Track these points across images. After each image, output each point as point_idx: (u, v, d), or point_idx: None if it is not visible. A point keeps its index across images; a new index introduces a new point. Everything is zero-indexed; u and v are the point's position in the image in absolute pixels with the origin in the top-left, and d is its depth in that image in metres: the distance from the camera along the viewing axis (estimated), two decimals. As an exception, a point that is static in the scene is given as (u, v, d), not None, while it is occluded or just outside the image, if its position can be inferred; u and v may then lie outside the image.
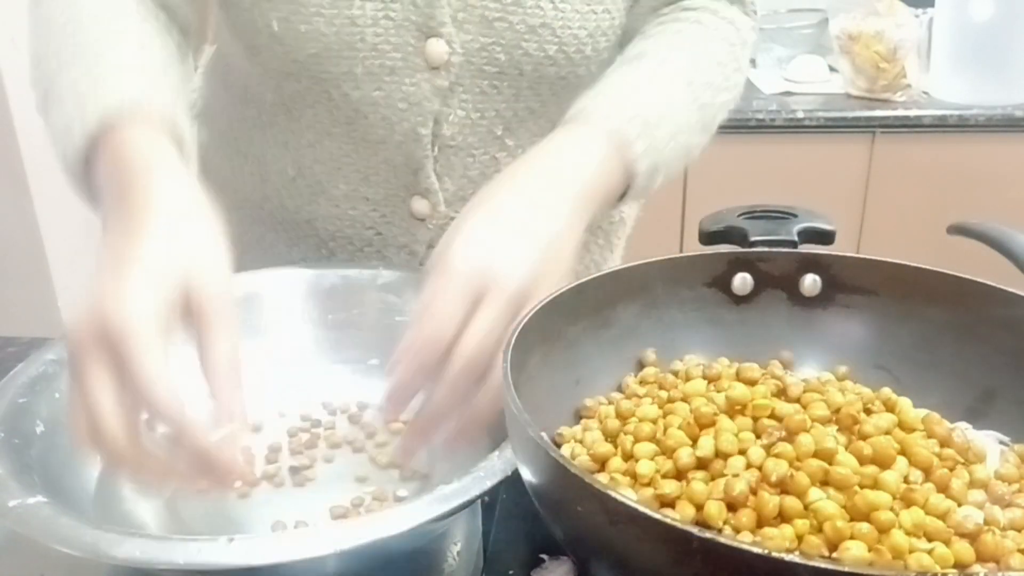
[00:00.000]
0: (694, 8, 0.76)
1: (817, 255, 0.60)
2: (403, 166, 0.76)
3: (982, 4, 1.77)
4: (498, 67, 0.72)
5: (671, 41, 0.73)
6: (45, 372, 0.60)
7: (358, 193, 0.79)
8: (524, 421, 0.43)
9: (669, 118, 0.67)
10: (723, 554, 0.35)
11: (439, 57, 0.70)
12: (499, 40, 0.70)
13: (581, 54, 0.73)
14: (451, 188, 0.77)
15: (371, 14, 0.68)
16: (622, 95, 0.67)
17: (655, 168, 0.66)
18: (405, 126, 0.73)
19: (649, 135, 0.65)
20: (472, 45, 0.70)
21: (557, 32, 0.71)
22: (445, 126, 0.74)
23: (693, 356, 0.60)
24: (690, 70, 0.71)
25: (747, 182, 1.87)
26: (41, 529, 0.47)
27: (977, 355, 0.56)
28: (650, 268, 0.60)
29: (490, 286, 0.52)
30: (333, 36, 0.69)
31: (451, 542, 0.58)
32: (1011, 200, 1.84)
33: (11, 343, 0.84)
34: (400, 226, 0.80)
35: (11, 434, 0.55)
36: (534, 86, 0.74)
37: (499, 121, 0.75)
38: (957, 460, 0.49)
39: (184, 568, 0.45)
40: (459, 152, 0.76)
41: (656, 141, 0.65)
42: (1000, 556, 0.42)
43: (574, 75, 0.74)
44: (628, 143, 0.63)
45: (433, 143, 0.75)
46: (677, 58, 0.72)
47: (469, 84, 0.72)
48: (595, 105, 0.65)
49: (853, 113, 1.85)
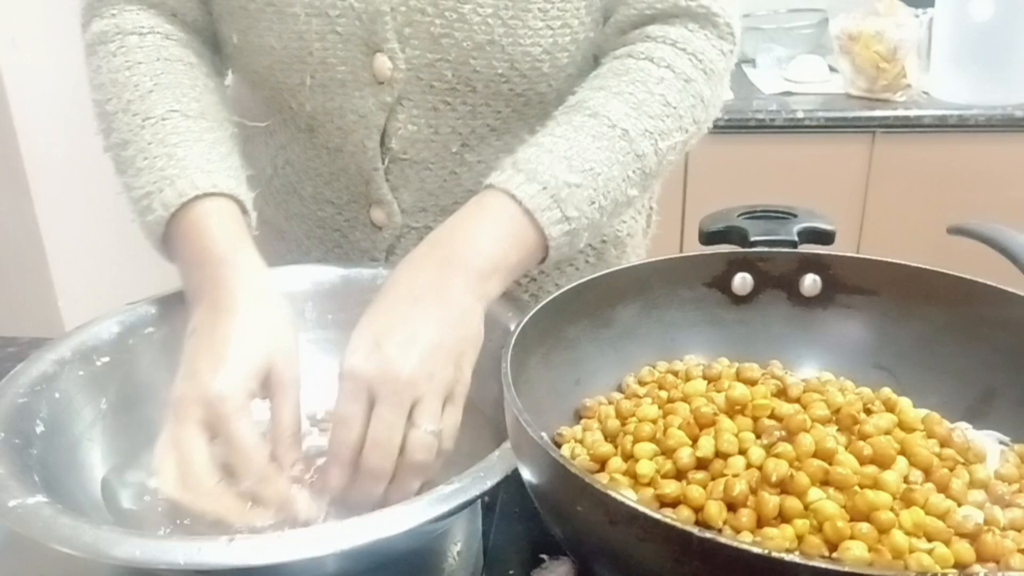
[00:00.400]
0: (653, 39, 0.71)
1: (817, 255, 0.60)
2: (357, 175, 0.77)
3: (982, 4, 1.77)
4: (447, 83, 0.71)
5: (612, 86, 0.69)
6: (45, 372, 0.60)
7: (323, 196, 0.81)
8: (524, 421, 0.43)
9: (592, 181, 0.65)
10: (723, 554, 0.35)
11: (384, 72, 0.70)
12: (446, 57, 0.70)
13: (537, 71, 0.71)
14: (408, 199, 0.77)
15: (317, 29, 0.69)
16: (540, 162, 0.64)
17: (574, 232, 0.64)
18: (355, 138, 0.74)
19: (564, 204, 0.63)
20: (419, 61, 0.70)
21: (507, 50, 0.69)
22: (394, 140, 0.74)
23: (693, 356, 0.60)
24: (628, 119, 0.67)
25: (747, 182, 1.87)
26: (41, 529, 0.47)
27: (977, 355, 0.56)
28: (650, 268, 0.60)
29: (377, 383, 0.55)
30: (282, 50, 0.71)
31: (451, 542, 0.58)
32: (1011, 200, 1.84)
33: (11, 343, 0.84)
34: (362, 231, 0.81)
35: (11, 434, 0.55)
36: (490, 103, 0.73)
37: (455, 138, 0.74)
38: (957, 460, 0.49)
39: (184, 568, 0.45)
40: (413, 165, 0.76)
41: (572, 209, 0.63)
42: (1000, 556, 0.42)
43: (533, 92, 0.73)
44: (540, 211, 0.62)
45: (383, 156, 0.75)
46: (615, 108, 0.67)
47: (419, 99, 0.72)
48: (509, 176, 0.63)
49: (853, 113, 1.85)
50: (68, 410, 0.60)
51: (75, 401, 0.61)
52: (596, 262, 0.85)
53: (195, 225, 0.63)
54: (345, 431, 0.56)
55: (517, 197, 0.62)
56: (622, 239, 0.87)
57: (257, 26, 0.70)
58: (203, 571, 0.46)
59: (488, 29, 0.68)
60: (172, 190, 0.63)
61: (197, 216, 0.63)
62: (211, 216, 0.63)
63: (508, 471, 0.50)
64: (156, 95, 0.68)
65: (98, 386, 0.63)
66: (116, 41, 0.70)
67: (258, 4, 0.69)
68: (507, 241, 0.62)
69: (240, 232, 0.64)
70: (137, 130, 0.66)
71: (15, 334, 0.86)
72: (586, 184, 0.64)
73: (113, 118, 0.68)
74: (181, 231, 0.63)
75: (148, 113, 0.67)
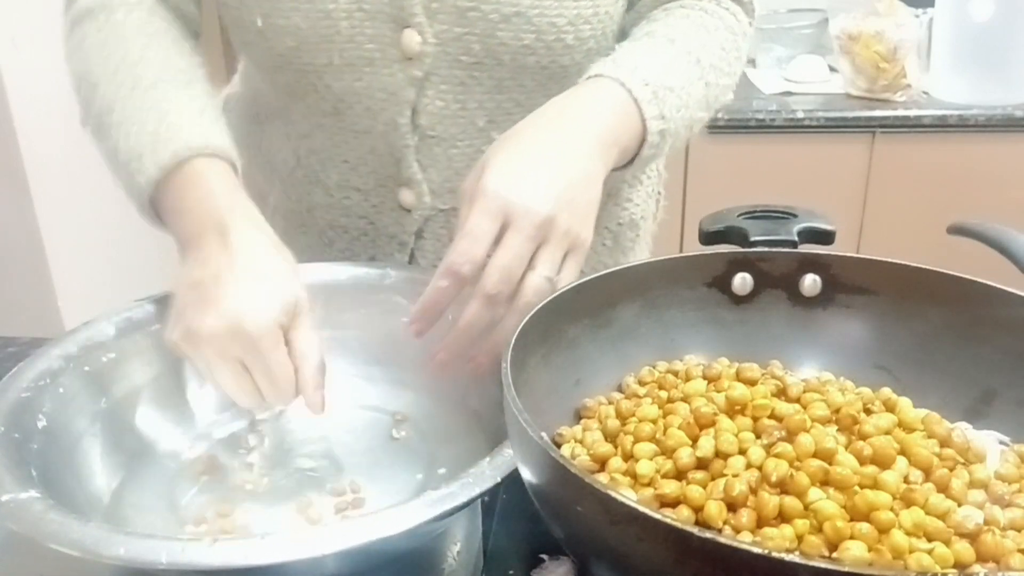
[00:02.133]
0: (691, 6, 0.77)
1: (817, 255, 0.60)
2: (387, 155, 0.78)
3: (982, 4, 1.77)
4: (475, 57, 0.72)
5: (678, 23, 0.74)
6: (50, 368, 0.60)
7: (349, 183, 0.81)
8: (524, 421, 0.43)
9: (679, 89, 0.69)
10: (723, 554, 0.35)
11: (412, 47, 0.71)
12: (473, 30, 0.71)
13: (561, 43, 0.73)
14: (436, 179, 0.78)
15: (344, 7, 0.70)
16: (637, 62, 0.68)
17: (664, 134, 0.68)
18: (385, 116, 0.75)
19: (661, 101, 0.67)
20: (446, 35, 0.71)
21: (533, 20, 0.71)
22: (423, 116, 0.75)
23: (693, 356, 0.60)
24: (698, 50, 0.73)
25: (747, 182, 1.87)
26: (31, 524, 0.47)
27: (977, 355, 0.56)
28: (650, 268, 0.60)
29: (518, 211, 0.56)
30: (309, 29, 0.71)
31: (451, 542, 0.58)
32: (1011, 200, 1.84)
33: (11, 343, 0.84)
34: (390, 216, 0.81)
35: (11, 428, 0.55)
36: (515, 76, 0.74)
37: (481, 112, 0.75)
38: (957, 460, 0.49)
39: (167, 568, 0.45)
40: (441, 143, 0.76)
41: (667, 108, 0.67)
42: (1000, 556, 0.42)
43: (557, 65, 0.74)
44: (643, 105, 0.66)
45: (413, 132, 0.75)
46: (685, 38, 0.73)
47: (446, 74, 0.73)
48: (611, 68, 0.67)
49: (853, 113, 1.85)
50: (71, 406, 0.60)
51: (78, 397, 0.61)
52: (613, 246, 0.87)
53: (192, 179, 0.63)
54: (471, 244, 0.56)
55: (627, 85, 0.65)
56: (636, 222, 0.89)
57: (282, 7, 0.71)
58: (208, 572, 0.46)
59: (514, 1, 0.70)
60: (166, 150, 0.63)
61: (194, 172, 0.63)
62: (209, 171, 0.63)
63: (508, 471, 0.50)
64: (144, 64, 0.68)
65: (102, 383, 0.63)
66: (103, 16, 0.71)
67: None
68: (620, 120, 0.65)
69: (237, 187, 0.65)
70: (125, 96, 0.66)
71: (15, 334, 0.86)
72: (677, 90, 0.68)
73: (98, 86, 0.68)
74: (176, 186, 0.63)
75: (136, 80, 0.67)
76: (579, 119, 0.63)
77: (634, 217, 0.88)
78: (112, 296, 0.64)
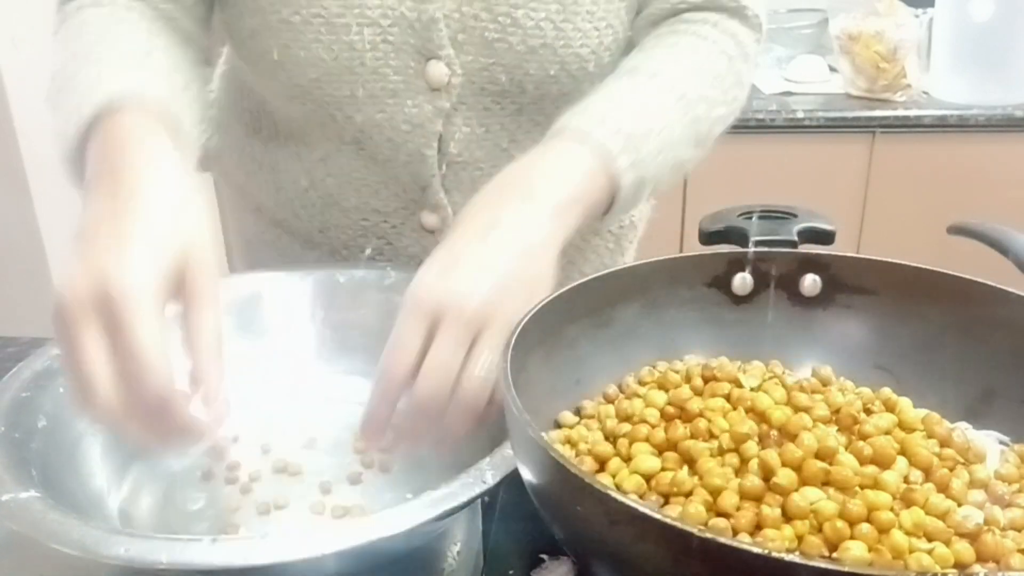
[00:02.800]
0: (693, 21, 0.74)
1: (817, 255, 0.60)
2: (411, 183, 0.76)
3: (982, 4, 1.77)
4: (500, 86, 0.72)
5: (665, 54, 0.71)
6: (50, 367, 0.60)
7: (368, 206, 0.79)
8: (524, 421, 0.43)
9: (657, 132, 0.66)
10: (723, 554, 0.35)
11: (440, 79, 0.70)
12: (500, 61, 0.70)
13: (584, 71, 0.72)
14: (460, 201, 0.76)
15: (369, 39, 0.68)
16: (607, 109, 0.65)
17: (641, 182, 0.65)
18: (410, 147, 0.74)
19: (634, 149, 0.63)
20: (473, 66, 0.70)
21: (559, 52, 0.70)
22: (452, 144, 0.74)
23: (693, 356, 0.59)
24: (683, 83, 0.69)
25: (747, 182, 1.87)
26: (30, 524, 0.47)
27: (977, 355, 0.56)
28: (650, 268, 0.60)
29: (446, 308, 0.52)
30: (332, 61, 0.69)
31: (451, 542, 0.58)
32: (1011, 200, 1.84)
33: (11, 343, 0.84)
34: (411, 237, 0.80)
35: (12, 428, 0.55)
36: (537, 102, 0.74)
37: (504, 134, 0.75)
38: (957, 460, 0.49)
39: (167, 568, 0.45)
40: (467, 167, 0.76)
41: (642, 155, 0.64)
42: (1000, 556, 0.42)
43: (578, 91, 0.73)
44: (612, 156, 0.62)
45: (440, 162, 0.75)
46: (670, 71, 0.70)
47: (472, 102, 0.72)
48: (579, 120, 0.64)
49: (853, 113, 1.85)
50: (71, 406, 0.60)
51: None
52: (615, 247, 0.87)
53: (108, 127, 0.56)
54: (398, 352, 0.52)
55: (593, 136, 0.62)
56: (635, 223, 0.89)
57: (303, 39, 0.69)
58: (208, 572, 0.46)
59: (541, 33, 0.69)
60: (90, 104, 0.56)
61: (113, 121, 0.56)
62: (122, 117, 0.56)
63: (507, 471, 0.50)
64: (100, 45, 0.63)
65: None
66: (76, 16, 0.67)
67: (304, 16, 0.68)
68: (582, 178, 0.61)
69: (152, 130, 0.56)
70: (74, 73, 0.61)
71: (15, 334, 0.86)
72: (653, 134, 0.65)
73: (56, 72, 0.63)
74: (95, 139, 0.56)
75: (86, 56, 0.62)
76: (532, 187, 0.59)
77: (633, 219, 0.88)
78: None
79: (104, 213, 0.51)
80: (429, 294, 0.53)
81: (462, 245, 0.56)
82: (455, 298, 0.52)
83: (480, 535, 0.59)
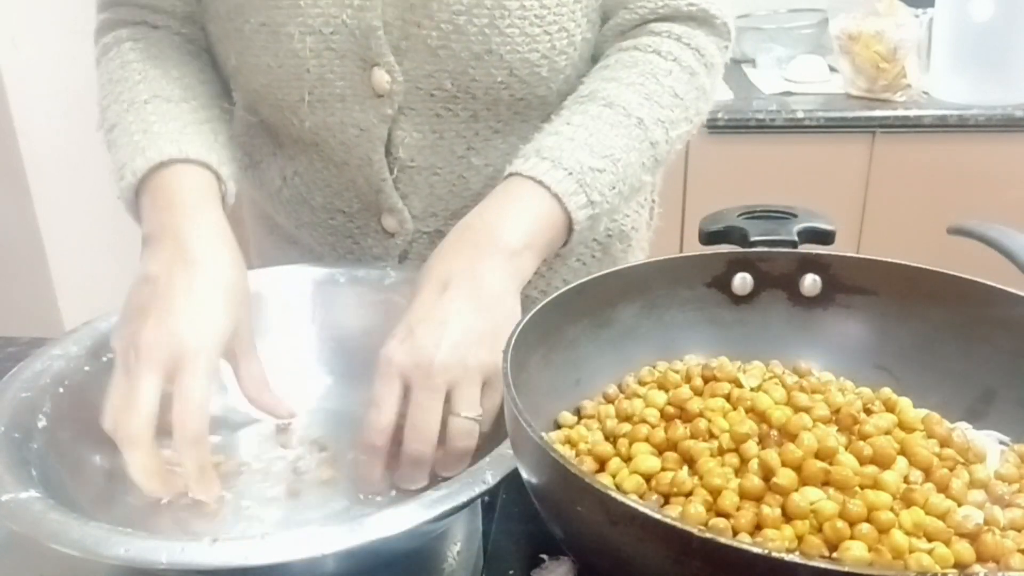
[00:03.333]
0: (657, 34, 0.73)
1: (817, 255, 0.60)
2: (366, 186, 0.77)
3: (982, 4, 1.77)
4: (447, 92, 0.71)
5: (623, 77, 0.71)
6: (50, 367, 0.60)
7: (334, 206, 0.81)
8: (524, 421, 0.43)
9: (612, 165, 0.66)
10: (723, 554, 0.35)
11: (382, 86, 0.70)
12: (444, 67, 0.70)
13: (536, 76, 0.71)
14: (418, 205, 0.78)
15: (312, 47, 0.70)
16: (561, 147, 0.65)
17: (596, 218, 0.67)
18: (360, 151, 0.75)
19: (589, 187, 0.65)
20: (417, 73, 0.70)
21: (505, 58, 0.69)
22: (401, 149, 0.74)
23: (693, 356, 0.60)
24: (640, 108, 0.69)
25: (747, 182, 1.87)
26: (30, 524, 0.47)
27: (977, 355, 0.56)
28: (650, 268, 0.60)
29: (414, 369, 0.56)
30: (279, 68, 0.71)
31: (451, 542, 0.58)
32: (1011, 200, 1.84)
33: (11, 343, 0.84)
34: (374, 238, 0.81)
35: (12, 428, 0.55)
36: (491, 108, 0.73)
37: (460, 141, 0.75)
38: (957, 460, 0.49)
39: (167, 568, 0.45)
40: (421, 172, 0.76)
41: (596, 193, 0.65)
42: (1000, 556, 0.42)
43: (533, 95, 0.73)
44: (566, 196, 0.64)
45: (391, 166, 0.75)
46: (628, 98, 0.69)
47: (420, 108, 0.72)
48: (532, 163, 0.65)
49: (853, 113, 1.85)
50: (71, 405, 0.60)
51: (79, 397, 0.61)
52: (602, 256, 0.86)
53: (161, 185, 0.64)
54: (376, 414, 0.57)
55: (545, 183, 0.64)
56: (627, 233, 0.87)
57: (252, 46, 0.71)
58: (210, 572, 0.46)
59: (485, 39, 0.68)
60: (142, 158, 0.64)
61: (165, 178, 0.64)
62: (181, 175, 0.65)
63: (508, 471, 0.50)
64: (143, 85, 0.70)
65: (103, 382, 0.62)
66: (115, 49, 0.74)
67: (252, 25, 0.70)
68: (536, 221, 0.64)
69: (207, 193, 0.65)
70: (123, 114, 0.68)
71: (15, 334, 0.86)
72: (608, 170, 0.66)
73: (107, 111, 0.70)
74: (149, 191, 0.64)
75: (133, 100, 0.69)
76: (483, 236, 0.62)
77: (624, 228, 0.87)
78: (112, 296, 0.64)
79: (175, 272, 0.59)
80: (395, 356, 0.57)
81: (421, 305, 0.59)
82: (418, 358, 0.56)
83: (480, 535, 0.59)
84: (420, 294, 0.60)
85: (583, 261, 0.85)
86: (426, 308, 0.59)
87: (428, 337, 0.57)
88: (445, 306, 0.58)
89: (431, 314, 0.58)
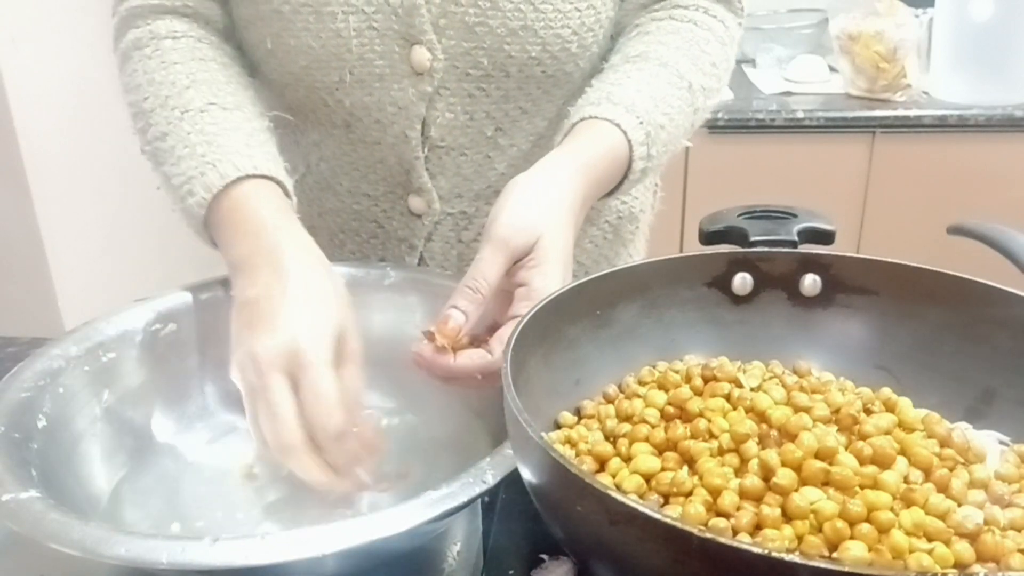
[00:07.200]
0: (685, 7, 0.77)
1: (817, 255, 0.60)
2: (397, 166, 0.79)
3: (982, 4, 1.77)
4: (483, 70, 0.73)
5: (670, 41, 0.74)
6: (50, 367, 0.60)
7: (359, 189, 0.82)
8: (524, 421, 0.43)
9: (669, 124, 0.70)
10: (723, 554, 0.35)
11: (422, 63, 0.72)
12: (481, 44, 0.72)
13: (567, 52, 0.74)
14: (445, 186, 0.79)
15: (355, 26, 0.71)
16: (632, 97, 0.69)
17: (646, 171, 0.69)
18: (395, 129, 0.76)
19: (652, 140, 0.68)
20: (455, 50, 0.72)
21: (539, 33, 0.72)
22: (433, 128, 0.76)
23: (693, 356, 0.60)
24: (689, 74, 0.73)
25: (747, 182, 1.87)
26: (30, 524, 0.47)
27: (977, 355, 0.56)
28: (650, 268, 0.60)
29: (530, 245, 0.60)
30: (320, 49, 0.72)
31: (451, 542, 0.58)
32: (1011, 200, 1.84)
33: (11, 343, 0.84)
34: (400, 220, 0.82)
35: (12, 428, 0.55)
36: (522, 86, 0.75)
37: (489, 122, 0.76)
38: (957, 460, 0.49)
39: (167, 568, 0.45)
40: (450, 152, 0.77)
41: (655, 147, 0.68)
42: (1000, 556, 0.42)
43: (562, 72, 0.75)
44: (634, 147, 0.67)
45: (423, 144, 0.77)
46: (679, 61, 0.73)
47: (455, 87, 0.74)
48: (608, 109, 0.68)
49: (853, 113, 1.85)
50: (71, 405, 0.60)
51: (79, 397, 0.61)
52: (613, 238, 0.88)
53: (241, 202, 0.63)
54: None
55: (622, 127, 0.67)
56: (635, 214, 0.90)
57: (292, 27, 0.71)
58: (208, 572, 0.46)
59: (521, 15, 0.71)
60: (215, 173, 0.63)
61: (242, 195, 0.64)
62: (258, 192, 0.64)
63: (508, 471, 0.50)
64: (193, 90, 0.69)
65: (102, 382, 0.63)
66: (151, 45, 0.72)
67: (293, 5, 0.71)
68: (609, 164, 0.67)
69: (287, 208, 0.65)
70: (176, 122, 0.67)
71: (15, 334, 0.86)
72: (667, 127, 0.70)
73: (151, 114, 0.69)
74: (225, 209, 0.63)
75: (186, 106, 0.68)
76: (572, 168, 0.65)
77: (633, 210, 0.89)
78: (112, 296, 0.64)
79: (274, 289, 0.59)
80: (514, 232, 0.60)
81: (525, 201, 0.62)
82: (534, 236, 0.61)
83: (480, 535, 0.59)
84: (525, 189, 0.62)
85: (595, 243, 0.87)
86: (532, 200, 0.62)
87: (541, 219, 0.61)
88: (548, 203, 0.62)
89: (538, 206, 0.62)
